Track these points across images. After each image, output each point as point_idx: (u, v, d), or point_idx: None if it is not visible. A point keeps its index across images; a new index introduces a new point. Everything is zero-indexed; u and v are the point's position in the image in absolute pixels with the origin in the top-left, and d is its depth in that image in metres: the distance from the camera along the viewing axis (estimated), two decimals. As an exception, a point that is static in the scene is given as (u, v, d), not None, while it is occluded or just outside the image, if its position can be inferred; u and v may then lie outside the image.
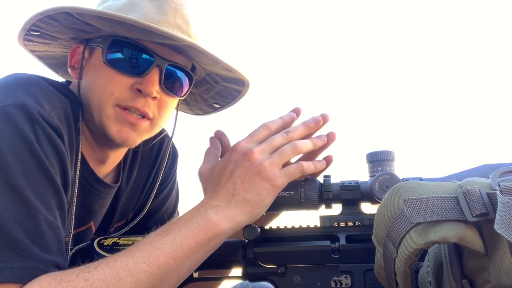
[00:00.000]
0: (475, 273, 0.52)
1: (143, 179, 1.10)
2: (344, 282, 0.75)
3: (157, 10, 0.88)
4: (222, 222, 0.73)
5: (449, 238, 0.50)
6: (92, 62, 0.91)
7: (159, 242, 0.70)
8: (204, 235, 0.72)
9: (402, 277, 0.55)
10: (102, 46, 0.88)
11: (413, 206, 0.52)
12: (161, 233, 0.71)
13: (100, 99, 0.87)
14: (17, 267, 0.63)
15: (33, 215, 0.67)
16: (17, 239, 0.64)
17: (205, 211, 0.74)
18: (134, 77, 0.87)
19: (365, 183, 0.79)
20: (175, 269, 0.70)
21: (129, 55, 0.88)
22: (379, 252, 0.61)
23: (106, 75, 0.87)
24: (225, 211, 0.74)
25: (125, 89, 0.87)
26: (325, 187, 0.79)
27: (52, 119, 0.76)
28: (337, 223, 0.79)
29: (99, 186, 0.96)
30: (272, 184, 0.75)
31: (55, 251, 0.68)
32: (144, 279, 0.67)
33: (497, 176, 0.53)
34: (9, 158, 0.68)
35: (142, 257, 0.68)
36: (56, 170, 0.74)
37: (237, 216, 0.74)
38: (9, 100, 0.73)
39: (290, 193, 0.79)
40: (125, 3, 0.89)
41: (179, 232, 0.71)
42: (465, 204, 0.52)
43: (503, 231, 0.45)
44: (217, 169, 0.79)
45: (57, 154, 0.75)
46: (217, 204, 0.75)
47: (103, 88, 0.87)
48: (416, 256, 0.52)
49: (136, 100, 0.87)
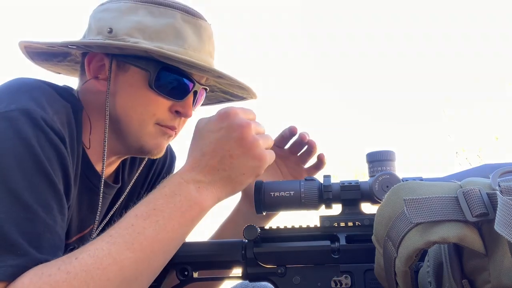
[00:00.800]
0: (475, 273, 0.52)
1: (141, 179, 1.11)
2: (344, 282, 0.75)
3: (197, 38, 0.93)
4: (205, 200, 0.73)
5: (449, 238, 0.50)
6: (128, 81, 0.91)
7: (140, 226, 0.68)
8: (188, 215, 0.71)
9: (402, 277, 0.55)
10: (149, 71, 0.89)
11: (413, 206, 0.53)
12: (142, 214, 0.69)
13: (141, 119, 0.91)
14: (11, 265, 0.62)
15: (31, 218, 0.67)
16: (14, 240, 0.64)
17: (187, 187, 0.72)
18: (174, 100, 0.92)
19: (365, 183, 0.79)
20: (161, 251, 0.69)
21: (176, 82, 0.92)
22: (379, 252, 0.61)
23: (149, 98, 0.91)
24: (208, 187, 0.74)
25: (165, 110, 0.92)
26: (325, 187, 0.79)
27: (55, 123, 0.76)
28: (337, 223, 0.79)
29: (103, 187, 0.96)
30: (260, 163, 0.75)
31: (50, 253, 0.68)
32: (129, 265, 0.65)
33: (497, 176, 0.53)
34: (10, 162, 0.69)
35: (125, 244, 0.66)
36: (58, 174, 0.75)
37: (218, 194, 0.75)
38: (12, 105, 0.74)
39: (290, 193, 0.79)
40: (166, 26, 0.90)
41: (161, 213, 0.70)
42: (465, 204, 0.52)
43: (503, 231, 0.45)
44: (206, 128, 0.76)
45: (59, 158, 0.75)
46: (200, 179, 0.74)
47: (145, 110, 0.91)
48: (416, 256, 0.52)
49: (174, 120, 0.94)
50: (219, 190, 0.74)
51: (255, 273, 0.78)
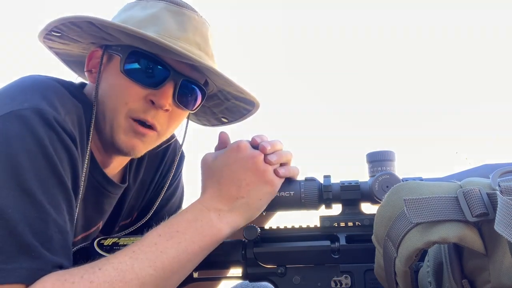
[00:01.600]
0: (475, 273, 0.52)
1: (148, 179, 1.11)
2: (344, 282, 0.75)
3: (179, 26, 0.90)
4: (224, 227, 0.76)
5: (449, 238, 0.50)
6: (110, 69, 0.92)
7: (164, 246, 0.70)
8: (208, 240, 0.74)
9: (402, 277, 0.55)
10: (121, 55, 0.89)
11: (413, 206, 0.53)
12: (165, 235, 0.72)
13: (114, 107, 0.89)
14: (26, 268, 0.63)
15: (44, 218, 0.67)
16: (27, 241, 0.65)
17: (208, 214, 0.76)
18: (148, 88, 0.89)
19: (365, 183, 0.79)
20: (179, 271, 0.71)
21: (146, 66, 0.89)
22: (379, 252, 0.61)
23: (122, 84, 0.89)
24: (228, 216, 0.77)
25: (139, 99, 0.88)
26: (325, 187, 0.79)
27: (67, 124, 0.77)
28: (337, 223, 0.79)
29: (110, 187, 0.97)
30: (273, 187, 0.78)
31: (62, 255, 0.68)
32: (149, 282, 0.67)
33: (497, 176, 0.53)
34: (23, 161, 0.69)
35: (147, 261, 0.68)
36: (68, 174, 0.75)
37: (237, 221, 0.77)
38: (25, 104, 0.74)
39: (290, 193, 0.79)
40: (148, 15, 0.90)
41: (183, 236, 0.72)
42: (465, 204, 0.52)
43: (503, 231, 0.45)
44: (219, 162, 0.79)
45: (70, 159, 0.76)
46: (220, 208, 0.77)
47: (118, 97, 0.89)
48: (416, 256, 0.52)
49: (147, 112, 0.89)
50: (238, 218, 0.77)
51: (255, 273, 0.78)
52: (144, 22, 0.89)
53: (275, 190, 0.79)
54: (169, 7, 0.92)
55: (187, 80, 0.92)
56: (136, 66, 0.89)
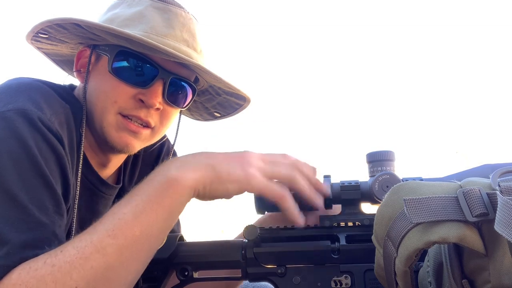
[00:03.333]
0: (475, 273, 0.52)
1: None
2: (344, 282, 0.74)
3: (165, 23, 0.90)
4: (185, 177, 0.69)
5: (449, 238, 0.50)
6: (99, 69, 0.92)
7: (121, 212, 0.67)
8: (168, 194, 0.68)
9: (402, 277, 0.55)
10: (108, 55, 0.89)
11: (413, 206, 0.52)
12: (124, 202, 0.68)
13: (103, 106, 0.88)
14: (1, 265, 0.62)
15: (25, 219, 0.67)
16: (6, 239, 0.64)
17: (168, 167, 0.71)
18: (137, 88, 0.88)
19: (365, 183, 0.79)
20: (143, 236, 0.66)
21: (134, 65, 0.89)
22: (379, 252, 0.61)
23: (111, 84, 0.88)
24: (190, 167, 0.70)
25: (128, 98, 0.88)
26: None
27: (53, 124, 0.76)
28: (337, 223, 0.79)
29: (103, 187, 0.97)
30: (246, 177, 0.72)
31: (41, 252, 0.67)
32: (112, 253, 0.64)
33: (497, 176, 0.53)
34: (6, 162, 0.68)
35: (105, 231, 0.65)
36: (55, 175, 0.74)
37: (201, 176, 0.70)
38: (10, 106, 0.73)
39: (291, 193, 0.79)
40: (134, 13, 0.90)
41: (140, 197, 0.68)
42: (465, 204, 0.51)
43: (503, 231, 0.45)
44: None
45: (56, 159, 0.75)
46: (182, 160, 0.72)
47: (107, 96, 0.88)
48: (416, 256, 0.52)
49: (139, 109, 0.89)
50: (201, 173, 0.70)
51: (255, 273, 0.78)
52: (130, 21, 0.89)
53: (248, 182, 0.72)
54: (155, 4, 0.91)
55: (176, 77, 0.92)
56: (124, 65, 0.89)
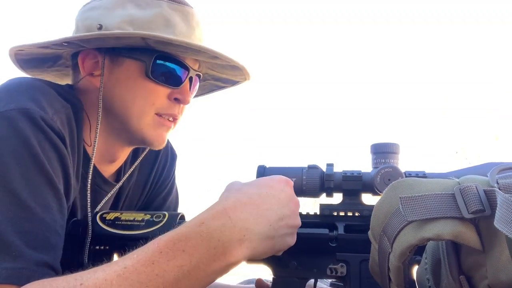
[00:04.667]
0: (472, 269, 0.53)
1: (144, 179, 1.11)
2: (340, 270, 0.75)
3: (186, 25, 0.93)
4: (240, 255, 0.63)
5: (443, 235, 0.50)
6: (124, 74, 0.91)
7: (162, 268, 0.59)
8: (218, 268, 0.62)
9: (395, 272, 0.55)
10: (144, 61, 0.90)
11: (409, 204, 0.53)
12: (167, 253, 0.60)
13: (141, 110, 0.91)
14: (7, 268, 0.62)
15: (30, 218, 0.67)
16: (9, 241, 0.64)
17: (231, 231, 0.62)
18: (172, 87, 0.92)
19: (368, 174, 0.79)
20: None
21: (172, 69, 0.93)
22: (374, 248, 0.61)
23: (148, 88, 0.91)
24: (252, 241, 0.63)
25: (164, 99, 0.92)
26: (327, 176, 0.79)
27: (55, 123, 0.76)
28: (336, 212, 0.79)
29: (105, 186, 0.98)
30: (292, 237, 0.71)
31: (48, 253, 0.67)
32: None
33: (496, 173, 0.53)
34: (9, 161, 0.69)
35: (138, 284, 0.57)
36: (58, 173, 0.75)
37: (258, 251, 0.65)
38: (11, 105, 0.73)
39: (292, 179, 0.79)
40: (155, 16, 0.90)
41: (189, 258, 0.60)
42: (462, 201, 0.52)
43: (503, 228, 0.46)
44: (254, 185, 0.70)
45: (59, 158, 0.76)
46: (248, 227, 0.63)
47: (145, 100, 0.91)
48: (410, 252, 0.53)
49: (173, 108, 0.94)
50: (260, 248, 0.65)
51: None
52: (153, 24, 0.89)
53: (292, 240, 0.71)
54: (173, 6, 0.92)
55: (197, 73, 0.99)
56: (162, 69, 0.91)
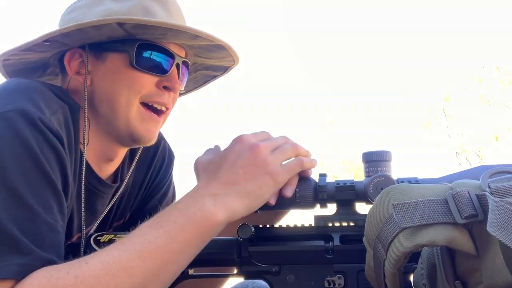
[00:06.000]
0: (467, 274, 0.53)
1: (140, 179, 1.11)
2: (337, 282, 0.75)
3: (166, 13, 0.93)
4: (219, 212, 0.71)
5: (437, 241, 0.50)
6: (109, 68, 0.91)
7: (153, 235, 0.68)
8: (201, 227, 0.70)
9: (390, 279, 0.55)
10: (127, 51, 0.90)
11: (402, 211, 0.53)
12: (155, 225, 0.70)
13: (127, 99, 0.90)
14: (17, 263, 0.64)
15: (33, 218, 0.68)
16: (18, 239, 0.65)
17: (202, 199, 0.72)
18: (158, 75, 0.92)
19: (360, 183, 0.78)
20: (171, 262, 0.69)
21: (156, 56, 0.92)
22: (369, 254, 0.61)
23: (132, 77, 0.90)
24: (224, 200, 0.72)
25: (152, 87, 0.92)
26: (320, 187, 0.78)
27: (53, 124, 0.77)
28: (331, 223, 0.79)
29: (101, 187, 0.97)
30: (274, 178, 0.75)
31: (53, 252, 0.68)
32: (138, 274, 0.66)
33: (487, 177, 0.53)
34: (10, 163, 0.69)
35: (135, 252, 0.66)
36: (57, 174, 0.75)
37: (235, 206, 0.72)
38: (9, 106, 0.74)
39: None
40: (133, 6, 0.91)
41: (174, 224, 0.69)
42: (454, 206, 0.52)
43: (496, 232, 0.45)
44: (217, 159, 0.77)
45: (57, 158, 0.76)
46: (216, 192, 0.73)
47: (130, 89, 0.90)
48: (405, 259, 0.53)
49: (162, 96, 0.93)
50: (236, 203, 0.73)
51: (249, 271, 0.78)
52: (132, 15, 0.89)
53: (277, 180, 0.75)
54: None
55: (183, 60, 0.98)
56: (147, 58, 0.91)
